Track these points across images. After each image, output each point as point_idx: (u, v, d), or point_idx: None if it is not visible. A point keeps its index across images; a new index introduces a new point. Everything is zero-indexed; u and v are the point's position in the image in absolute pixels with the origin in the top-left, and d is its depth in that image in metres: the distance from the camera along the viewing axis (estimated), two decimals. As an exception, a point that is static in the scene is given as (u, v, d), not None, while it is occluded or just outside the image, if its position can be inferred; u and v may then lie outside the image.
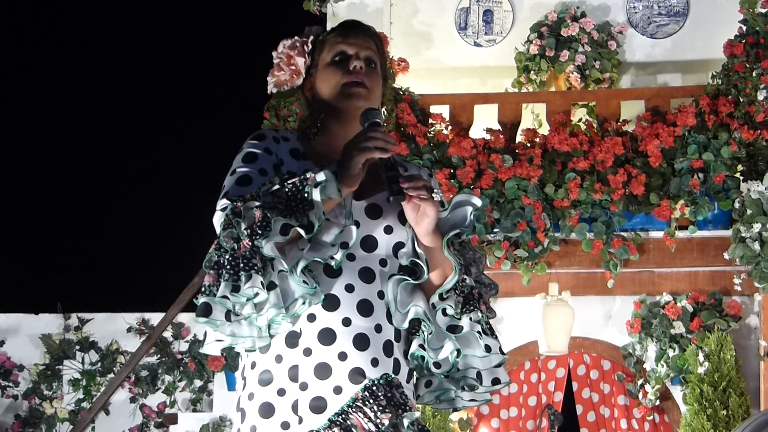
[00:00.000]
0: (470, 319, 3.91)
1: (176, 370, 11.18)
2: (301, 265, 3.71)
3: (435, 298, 3.95)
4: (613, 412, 10.33)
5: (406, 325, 3.91)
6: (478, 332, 3.91)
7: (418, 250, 3.92)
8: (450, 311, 3.91)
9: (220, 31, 15.19)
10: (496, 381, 3.97)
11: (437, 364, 3.94)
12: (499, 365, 3.97)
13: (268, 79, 4.14)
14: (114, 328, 11.37)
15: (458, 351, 3.95)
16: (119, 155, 15.74)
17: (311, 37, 4.07)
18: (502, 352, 3.96)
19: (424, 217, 3.77)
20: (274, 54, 4.15)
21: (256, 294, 3.70)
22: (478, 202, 3.85)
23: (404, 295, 3.93)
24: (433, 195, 3.80)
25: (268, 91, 4.13)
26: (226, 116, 13.79)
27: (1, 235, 11.81)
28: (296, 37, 4.13)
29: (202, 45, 15.61)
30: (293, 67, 4.07)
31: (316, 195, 3.70)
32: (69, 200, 15.52)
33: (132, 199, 15.31)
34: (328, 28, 9.41)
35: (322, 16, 11.16)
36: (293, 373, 3.81)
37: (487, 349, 3.92)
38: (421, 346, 3.90)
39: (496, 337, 3.95)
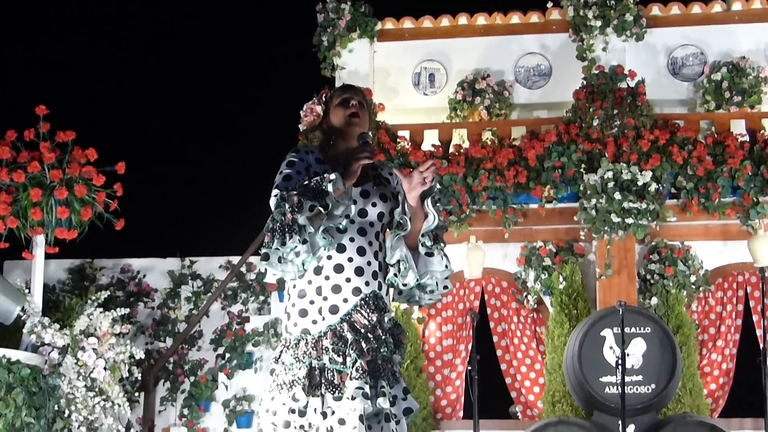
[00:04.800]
0: (438, 248, 4.74)
1: (249, 291, 12.60)
2: (322, 227, 4.45)
3: (420, 237, 4.69)
4: (510, 313, 11.94)
5: (393, 261, 4.70)
6: (442, 256, 4.72)
7: (407, 210, 4.64)
8: (428, 243, 4.73)
9: (274, 91, 15.89)
10: (445, 287, 4.79)
11: (404, 284, 4.73)
12: (447, 277, 4.76)
13: (300, 126, 5.45)
14: (210, 266, 12.94)
15: (417, 279, 4.68)
16: (208, 149, 16.69)
17: (323, 96, 4.98)
18: (450, 269, 4.74)
19: (418, 187, 4.61)
20: (301, 112, 4.94)
21: (296, 246, 4.41)
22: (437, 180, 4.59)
23: (396, 243, 4.70)
24: (433, 183, 4.57)
25: (301, 130, 5.23)
26: (277, 139, 13.72)
27: (139, 199, 11.28)
28: (314, 98, 4.95)
29: (263, 101, 16.45)
30: (315, 113, 4.94)
31: (330, 187, 4.36)
32: (192, 178, 16.44)
33: (224, 185, 16.10)
34: (337, 85, 11.66)
35: (332, 78, 12.50)
36: (318, 291, 4.58)
37: (446, 266, 4.70)
38: (395, 274, 4.69)
39: (449, 259, 4.77)
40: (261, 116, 16.31)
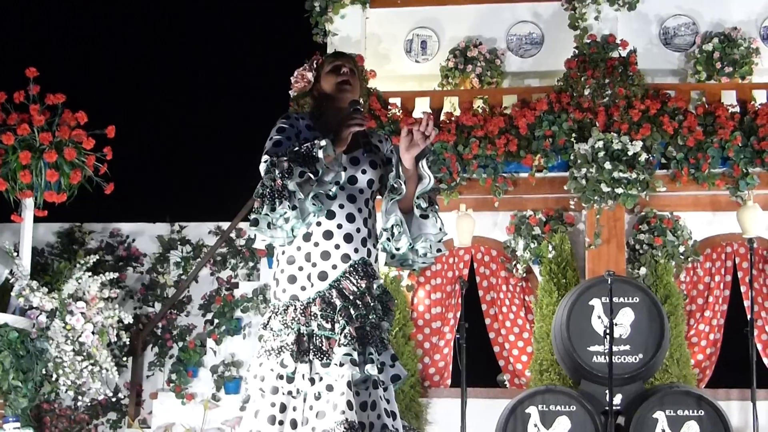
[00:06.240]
0: (432, 211, 4.77)
1: (238, 256, 12.91)
2: (312, 194, 4.44)
3: (415, 199, 4.70)
4: (498, 281, 12.02)
5: (388, 225, 4.73)
6: (436, 219, 4.76)
7: (401, 173, 4.69)
8: (423, 205, 4.75)
9: (265, 56, 16.11)
10: (439, 250, 4.85)
11: (397, 249, 4.79)
12: (440, 240, 4.79)
13: (290, 92, 5.54)
14: (200, 231, 13.25)
15: (411, 243, 4.72)
16: (197, 116, 16.80)
17: (314, 63, 4.98)
18: (444, 231, 4.81)
19: (416, 146, 4.63)
20: (292, 78, 4.93)
21: (285, 212, 4.40)
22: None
23: (391, 208, 4.74)
24: (431, 139, 4.62)
25: (292, 96, 5.31)
26: (268, 105, 14.27)
27: (129, 163, 11.17)
28: (305, 64, 4.94)
29: (254, 67, 16.41)
30: (306, 80, 4.93)
31: (320, 153, 4.40)
32: (183, 149, 16.60)
33: (214, 150, 16.36)
34: (328, 51, 11.76)
35: (323, 44, 12.60)
36: (307, 257, 4.60)
37: (440, 229, 4.75)
38: (388, 239, 4.75)
39: (442, 222, 4.82)
40: (251, 82, 16.50)
